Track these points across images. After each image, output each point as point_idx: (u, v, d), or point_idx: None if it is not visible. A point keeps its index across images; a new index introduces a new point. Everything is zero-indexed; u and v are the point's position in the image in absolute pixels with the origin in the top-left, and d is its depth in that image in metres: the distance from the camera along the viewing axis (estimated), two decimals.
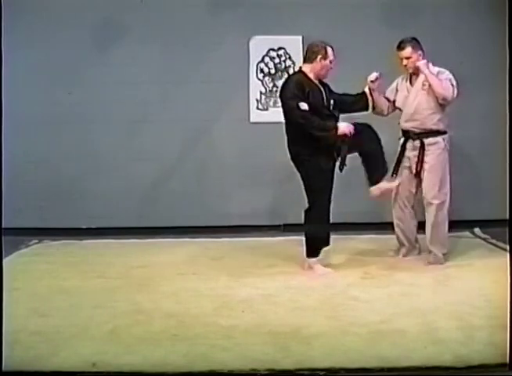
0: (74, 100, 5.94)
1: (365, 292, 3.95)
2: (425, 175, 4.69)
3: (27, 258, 5.07)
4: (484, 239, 5.59)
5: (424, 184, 4.71)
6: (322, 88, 4.50)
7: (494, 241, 5.36)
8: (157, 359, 2.90)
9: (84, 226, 6.01)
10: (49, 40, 5.91)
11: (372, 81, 4.69)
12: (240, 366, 2.84)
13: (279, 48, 6.06)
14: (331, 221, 4.56)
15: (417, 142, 4.70)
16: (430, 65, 4.66)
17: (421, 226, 4.84)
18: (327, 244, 4.60)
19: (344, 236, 5.67)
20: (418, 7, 5.90)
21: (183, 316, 3.51)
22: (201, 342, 3.09)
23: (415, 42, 4.66)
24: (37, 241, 5.65)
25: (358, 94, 4.76)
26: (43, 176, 5.99)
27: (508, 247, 3.37)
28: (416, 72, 4.70)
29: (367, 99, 4.73)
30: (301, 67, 4.55)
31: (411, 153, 4.76)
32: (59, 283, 4.24)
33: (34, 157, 5.97)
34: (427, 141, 4.66)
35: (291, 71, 6.03)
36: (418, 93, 4.69)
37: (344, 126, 4.36)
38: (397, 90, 4.87)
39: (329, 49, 4.48)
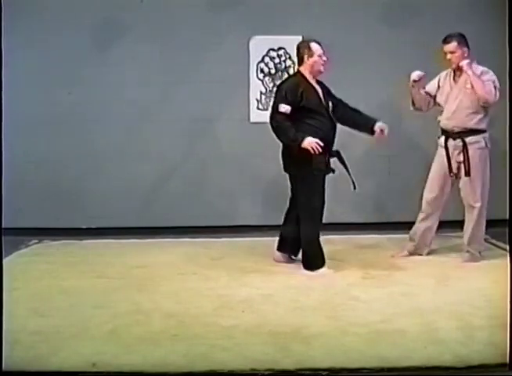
0: (74, 100, 5.93)
1: (365, 292, 3.95)
2: (466, 177, 4.66)
3: (27, 258, 5.06)
4: (484, 239, 5.58)
5: (465, 186, 4.68)
6: (319, 89, 4.52)
7: (494, 241, 5.36)
8: (157, 359, 2.90)
9: (84, 226, 6.00)
10: (49, 40, 5.90)
11: (415, 81, 4.67)
12: (240, 366, 2.84)
13: (279, 48, 6.05)
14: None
15: (458, 141, 4.66)
16: (475, 64, 4.63)
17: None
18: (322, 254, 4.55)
19: (344, 236, 5.68)
20: (418, 7, 5.89)
21: (183, 316, 3.51)
22: (201, 342, 3.10)
23: (461, 38, 4.63)
24: (37, 241, 5.65)
25: (369, 118, 4.67)
26: (43, 176, 5.98)
27: (508, 247, 3.37)
28: (459, 69, 4.65)
29: (373, 128, 4.62)
30: (298, 69, 4.60)
31: (450, 152, 4.70)
32: (59, 283, 4.24)
33: (34, 157, 5.96)
34: (468, 140, 4.62)
35: (291, 71, 6.02)
36: (461, 91, 4.65)
37: (309, 141, 4.27)
38: (439, 86, 4.82)
39: (313, 45, 4.50)
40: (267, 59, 6.06)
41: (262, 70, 6.06)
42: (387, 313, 3.50)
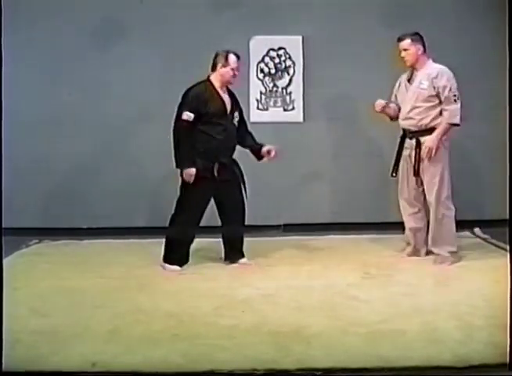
0: (74, 100, 5.94)
1: (365, 292, 3.95)
2: (424, 175, 4.68)
3: (28, 257, 5.07)
4: (484, 239, 5.59)
5: (424, 184, 4.70)
6: (226, 98, 4.63)
7: (494, 241, 5.36)
8: (157, 359, 2.90)
9: (85, 226, 6.01)
10: (49, 40, 5.91)
11: (377, 111, 4.76)
12: (240, 365, 2.84)
13: (279, 48, 6.06)
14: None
15: (413, 141, 4.68)
16: (430, 61, 4.66)
17: None
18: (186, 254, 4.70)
19: (344, 236, 5.68)
20: (418, 7, 5.90)
21: (183, 315, 3.51)
22: (201, 342, 3.10)
23: (416, 36, 4.65)
24: (37, 241, 5.65)
25: (258, 143, 4.84)
26: (43, 176, 5.99)
27: (508, 247, 3.37)
28: (414, 66, 4.68)
29: (260, 154, 4.82)
30: (209, 76, 4.66)
31: (409, 152, 4.75)
32: (60, 282, 4.24)
33: (34, 157, 5.96)
34: (422, 139, 4.64)
35: (291, 71, 6.04)
36: (415, 92, 4.67)
37: (189, 174, 4.46)
38: (399, 87, 4.87)
39: (231, 57, 4.60)
40: (267, 59, 6.06)
41: (262, 70, 6.06)
42: (387, 313, 3.51)
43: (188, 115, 4.49)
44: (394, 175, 4.84)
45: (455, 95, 4.57)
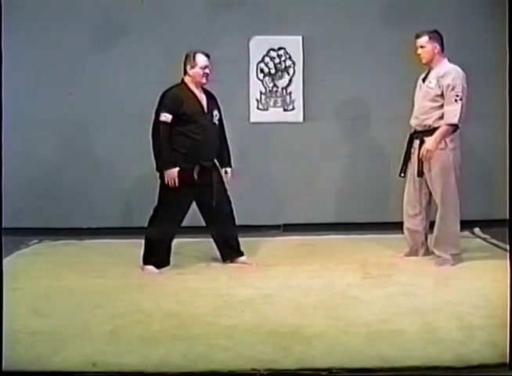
0: (74, 100, 5.95)
1: (365, 292, 3.95)
2: (428, 176, 4.65)
3: (28, 258, 5.07)
4: (484, 239, 5.59)
5: (429, 185, 4.67)
6: (203, 97, 4.62)
7: (494, 241, 5.36)
8: (157, 359, 2.90)
9: (84, 226, 6.01)
10: (49, 40, 5.91)
11: None
12: (240, 366, 2.84)
13: (279, 48, 6.06)
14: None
15: (418, 141, 4.65)
16: (445, 61, 4.62)
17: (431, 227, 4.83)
18: (166, 258, 4.63)
19: (344, 236, 5.68)
20: (418, 7, 5.90)
21: (183, 315, 3.51)
22: (201, 342, 3.09)
23: (434, 34, 4.59)
24: (37, 241, 5.66)
25: (225, 158, 4.80)
26: (43, 176, 5.99)
27: (508, 247, 3.37)
28: (429, 65, 4.64)
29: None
30: (183, 78, 4.64)
31: (415, 153, 4.70)
32: (60, 283, 4.24)
33: (34, 157, 5.97)
34: (426, 139, 4.60)
35: (291, 71, 6.05)
36: (424, 91, 4.64)
37: (170, 176, 4.44)
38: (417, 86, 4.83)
39: (198, 56, 4.58)
40: (267, 59, 6.07)
41: (262, 70, 6.07)
42: (387, 313, 3.50)
43: (166, 116, 4.47)
44: (402, 175, 4.80)
45: (457, 96, 4.49)
